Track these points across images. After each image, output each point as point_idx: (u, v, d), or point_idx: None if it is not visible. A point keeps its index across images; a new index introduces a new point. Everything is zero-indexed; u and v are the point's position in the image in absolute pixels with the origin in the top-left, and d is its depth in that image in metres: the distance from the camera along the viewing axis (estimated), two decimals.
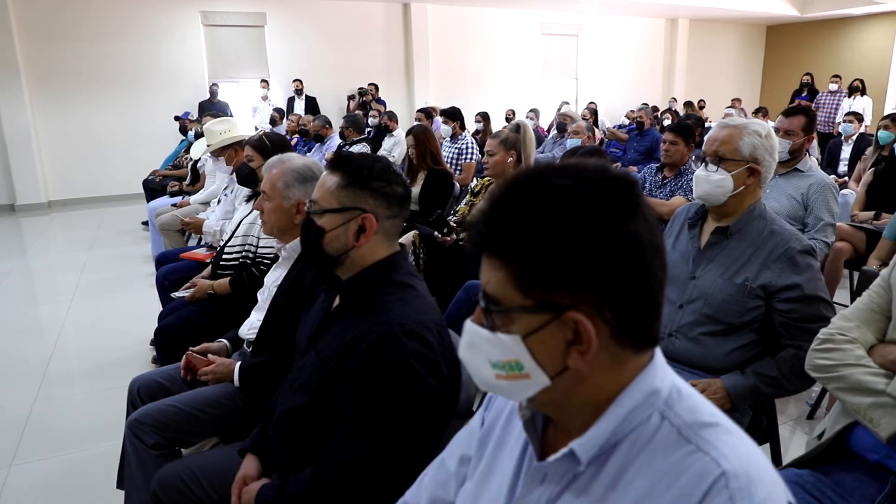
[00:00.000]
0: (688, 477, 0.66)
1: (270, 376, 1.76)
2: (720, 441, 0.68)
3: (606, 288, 0.67)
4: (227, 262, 2.70)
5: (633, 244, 0.67)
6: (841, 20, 13.63)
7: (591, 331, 0.67)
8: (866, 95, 10.07)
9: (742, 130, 1.82)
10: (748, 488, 0.64)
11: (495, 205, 0.70)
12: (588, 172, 0.68)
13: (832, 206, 2.94)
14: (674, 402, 0.72)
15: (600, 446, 0.72)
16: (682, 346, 1.83)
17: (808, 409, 2.86)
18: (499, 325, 0.70)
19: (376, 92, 10.04)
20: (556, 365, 0.70)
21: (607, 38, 13.18)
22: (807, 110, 3.22)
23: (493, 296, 0.70)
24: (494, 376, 0.73)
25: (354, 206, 1.36)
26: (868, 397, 1.31)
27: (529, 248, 0.66)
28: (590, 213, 0.65)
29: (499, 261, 0.68)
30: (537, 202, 0.67)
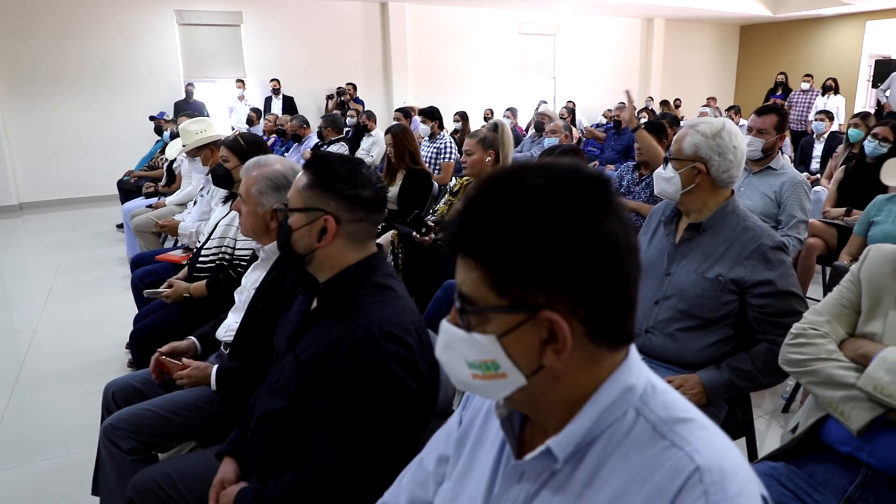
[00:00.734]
0: (662, 472, 0.67)
1: (248, 379, 1.75)
2: (694, 436, 0.69)
3: (581, 287, 0.67)
4: (203, 265, 2.67)
5: (607, 243, 0.67)
6: (812, 20, 13.87)
7: (566, 330, 0.68)
8: (839, 94, 10.27)
9: (689, 130, 1.87)
10: (722, 482, 0.64)
11: (470, 205, 0.70)
12: (562, 172, 0.69)
13: (804, 204, 2.99)
14: (648, 399, 0.73)
15: (577, 444, 0.72)
16: (658, 342, 1.85)
17: (783, 403, 2.91)
18: (474, 325, 0.71)
19: (354, 91, 10.00)
20: (532, 364, 0.70)
21: (584, 37, 13.27)
22: (779, 109, 3.27)
23: (468, 296, 0.70)
24: (471, 376, 0.73)
25: (317, 207, 1.37)
26: (839, 391, 1.34)
27: (504, 249, 0.66)
28: (564, 212, 0.66)
29: (473, 261, 0.69)
30: (511, 202, 0.67)
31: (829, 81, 10.27)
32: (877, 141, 3.83)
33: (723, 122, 1.87)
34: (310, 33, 10.56)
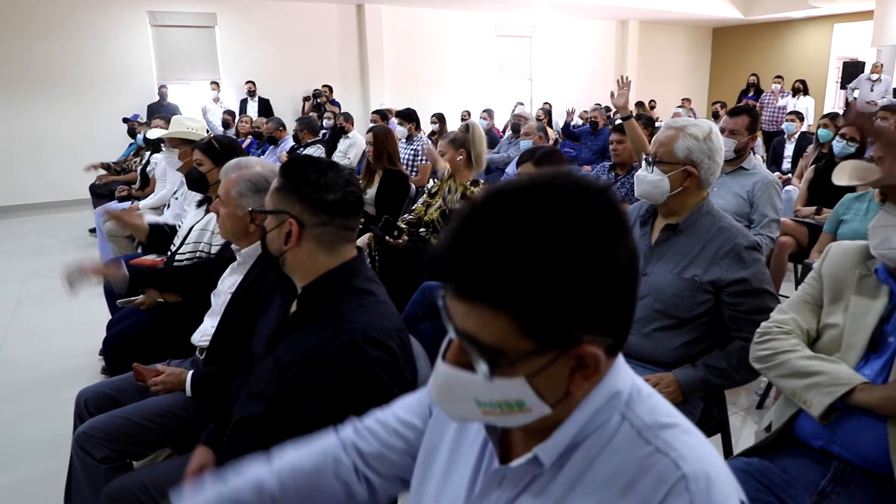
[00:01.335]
0: (647, 479, 0.67)
1: (224, 385, 1.73)
2: (679, 442, 0.69)
3: (613, 313, 0.65)
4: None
5: (630, 266, 0.65)
6: (782, 23, 14.13)
7: (602, 359, 0.67)
8: (808, 95, 10.47)
9: (680, 133, 1.86)
10: (707, 491, 0.65)
11: (482, 243, 0.62)
12: (580, 193, 0.64)
13: (776, 203, 3.05)
14: (634, 403, 0.72)
15: (563, 449, 0.72)
16: (634, 342, 1.87)
17: (757, 400, 2.95)
18: (500, 372, 0.65)
19: (331, 94, 9.95)
20: (560, 393, 0.69)
21: (560, 39, 13.37)
22: (750, 110, 3.32)
23: (494, 347, 0.64)
24: (481, 413, 0.70)
25: (283, 210, 1.37)
26: (802, 380, 1.38)
27: (541, 297, 0.61)
28: (598, 244, 0.62)
29: (500, 311, 0.62)
30: (541, 241, 0.61)
31: (797, 83, 10.48)
32: (844, 141, 3.92)
33: (710, 125, 1.89)
34: (285, 35, 10.48)
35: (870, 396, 1.28)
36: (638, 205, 2.06)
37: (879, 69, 10.19)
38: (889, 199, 1.37)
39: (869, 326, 1.38)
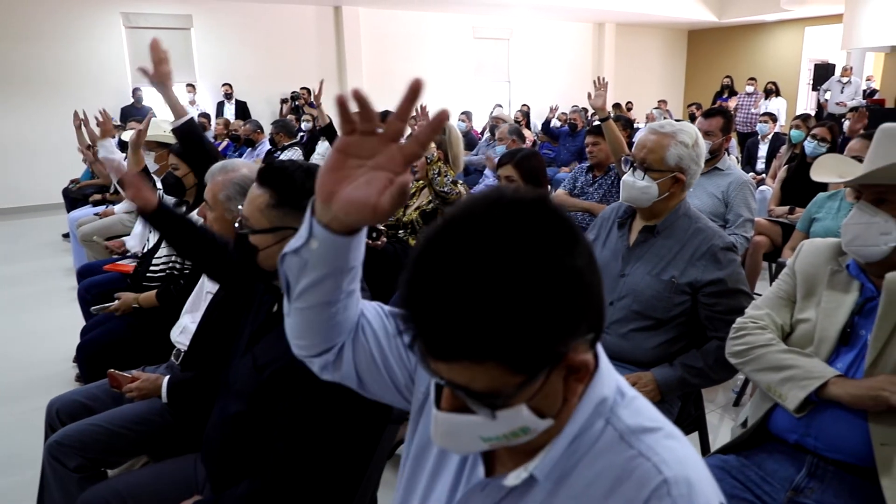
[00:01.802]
0: (630, 483, 0.67)
1: (201, 392, 1.71)
2: (661, 446, 0.69)
3: (588, 314, 0.66)
4: (153, 274, 2.60)
5: (591, 267, 0.66)
6: (755, 26, 14.36)
7: (590, 362, 0.68)
8: (780, 97, 10.66)
9: (671, 140, 1.85)
10: (689, 495, 0.65)
11: (446, 303, 0.60)
12: (521, 219, 0.62)
13: (750, 203, 3.09)
14: (617, 407, 0.73)
15: (556, 462, 0.72)
16: (612, 342, 1.88)
17: (734, 397, 2.99)
18: (500, 407, 0.65)
19: (309, 96, 9.89)
20: (558, 403, 0.69)
21: (538, 42, 13.44)
22: (724, 112, 3.37)
23: (487, 391, 0.63)
24: (488, 445, 0.70)
25: (286, 227, 1.32)
26: (777, 374, 1.40)
27: (519, 334, 0.60)
28: (557, 263, 0.61)
29: (486, 363, 0.61)
30: (500, 280, 0.59)
31: (769, 85, 10.69)
32: (816, 141, 4.00)
33: (695, 130, 1.90)
34: (262, 37, 10.41)
35: (842, 391, 1.31)
36: (615, 205, 2.07)
37: (849, 72, 10.42)
38: (863, 197, 1.39)
39: (840, 321, 1.40)
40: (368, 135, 0.70)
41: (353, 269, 0.80)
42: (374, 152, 0.70)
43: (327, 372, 0.91)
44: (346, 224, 0.73)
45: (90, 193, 5.82)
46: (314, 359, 0.90)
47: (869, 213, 1.36)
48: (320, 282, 0.79)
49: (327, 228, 0.74)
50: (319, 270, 0.78)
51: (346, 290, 0.82)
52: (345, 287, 0.81)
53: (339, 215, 0.72)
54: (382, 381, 0.90)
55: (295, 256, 0.78)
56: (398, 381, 0.91)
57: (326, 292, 0.80)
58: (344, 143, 0.71)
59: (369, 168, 0.70)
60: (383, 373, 0.90)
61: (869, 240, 1.35)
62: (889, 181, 1.34)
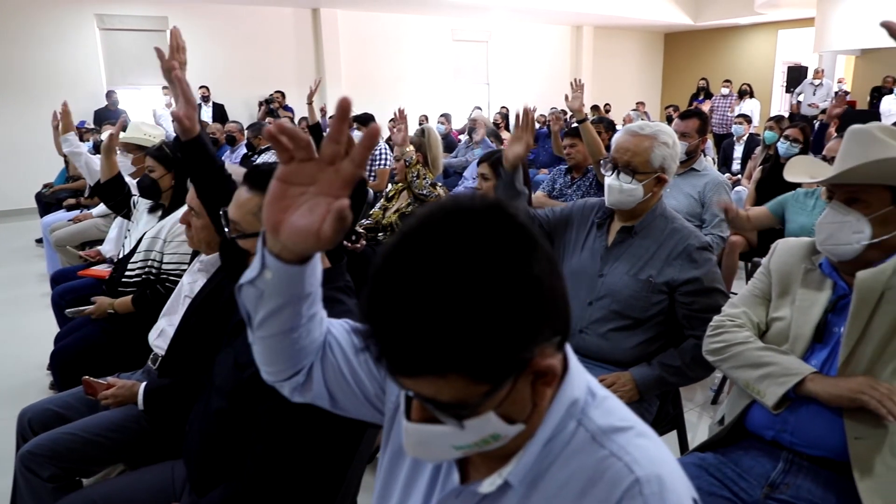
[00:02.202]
0: (602, 483, 0.68)
1: (178, 398, 1.69)
2: (632, 446, 0.70)
3: (553, 318, 0.66)
4: (129, 279, 2.56)
5: (553, 271, 0.66)
6: (730, 28, 14.57)
7: (557, 367, 0.68)
8: (754, 98, 10.83)
9: (654, 142, 1.86)
10: (661, 494, 0.66)
11: (404, 320, 0.60)
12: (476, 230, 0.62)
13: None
14: (589, 408, 0.73)
15: (531, 467, 0.72)
16: (592, 342, 1.89)
17: (712, 395, 3.03)
18: (468, 416, 0.66)
19: (283, 99, 9.79)
20: (528, 408, 0.69)
21: (516, 44, 13.50)
22: (700, 113, 3.42)
23: (453, 402, 0.64)
24: (461, 453, 0.70)
25: None
26: (755, 371, 1.42)
27: (480, 345, 0.60)
28: (515, 271, 0.61)
29: (450, 375, 0.61)
30: (458, 293, 0.59)
31: (744, 86, 10.87)
32: (788, 142, 4.07)
33: (670, 129, 1.92)
34: (240, 39, 10.32)
35: (820, 388, 1.33)
36: (594, 203, 2.06)
37: (821, 74, 10.63)
38: (835, 197, 1.42)
39: (814, 318, 1.43)
40: (306, 161, 0.70)
41: (311, 295, 0.80)
42: (315, 178, 0.70)
43: (298, 394, 0.91)
44: (296, 253, 0.73)
45: (64, 197, 5.72)
46: (284, 383, 0.90)
47: (841, 213, 1.38)
48: (279, 311, 0.79)
49: (279, 258, 0.74)
50: (276, 300, 0.77)
51: (306, 315, 0.81)
52: (305, 312, 0.81)
53: (288, 244, 0.72)
54: (354, 396, 0.90)
55: (251, 287, 0.78)
56: (369, 394, 0.91)
57: (286, 320, 0.80)
58: (283, 172, 0.70)
59: (312, 194, 0.70)
60: (354, 388, 0.90)
61: (842, 238, 1.37)
62: (859, 181, 1.36)
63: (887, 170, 1.31)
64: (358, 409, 0.92)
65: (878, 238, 1.35)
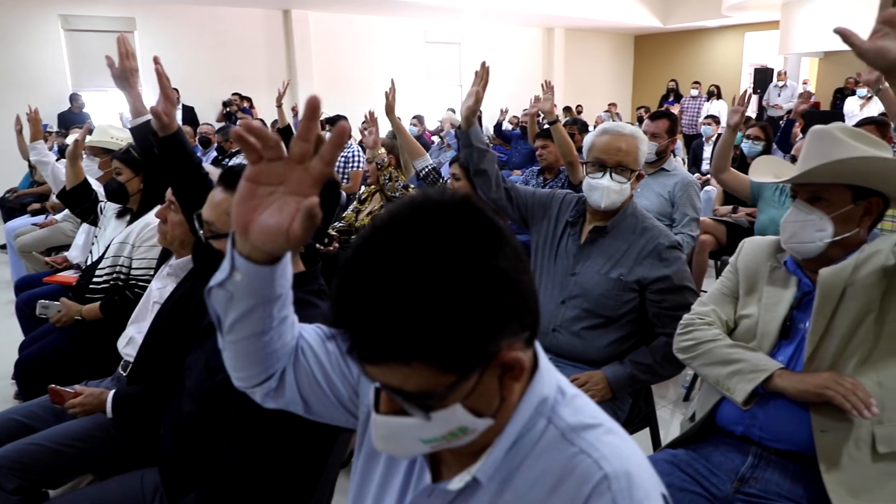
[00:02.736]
0: (572, 480, 0.68)
1: (148, 406, 1.66)
2: (601, 442, 0.70)
3: (520, 313, 0.66)
4: (96, 286, 2.50)
5: (519, 266, 0.66)
6: (698, 31, 14.81)
7: (524, 360, 0.68)
8: (721, 99, 11.03)
9: (637, 141, 1.92)
10: (629, 489, 0.66)
11: (370, 307, 0.60)
12: (444, 222, 0.63)
13: (695, 202, 3.18)
14: (558, 406, 0.74)
15: (499, 464, 0.72)
16: (564, 341, 1.91)
17: (684, 392, 3.07)
18: (435, 408, 0.66)
19: (242, 102, 9.65)
20: (496, 403, 0.70)
21: (489, 46, 13.53)
22: (669, 114, 3.48)
23: (420, 392, 0.64)
24: (429, 448, 0.70)
25: None
26: (725, 367, 1.45)
27: (445, 334, 0.60)
28: (481, 263, 0.62)
29: (417, 363, 0.62)
30: (423, 282, 0.60)
31: (712, 87, 11.09)
32: (751, 141, 4.17)
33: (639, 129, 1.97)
34: (210, 41, 10.20)
35: (788, 384, 1.36)
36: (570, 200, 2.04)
37: (784, 76, 10.87)
38: (799, 196, 1.45)
39: (780, 315, 1.46)
40: (275, 161, 0.70)
41: (282, 297, 0.79)
42: (284, 177, 0.70)
43: (270, 399, 0.90)
44: (266, 253, 0.73)
45: (28, 202, 5.59)
46: (255, 388, 0.89)
47: (805, 212, 1.42)
48: (249, 313, 0.78)
49: (248, 259, 0.73)
50: (247, 302, 0.77)
51: (277, 317, 0.81)
52: (276, 315, 0.80)
53: (257, 244, 0.72)
54: (327, 400, 0.90)
55: (220, 290, 0.78)
56: (343, 398, 0.90)
57: (257, 322, 0.79)
58: (251, 172, 0.70)
59: (281, 194, 0.70)
60: (327, 391, 0.89)
61: (805, 237, 1.40)
62: (821, 180, 1.39)
63: (847, 169, 1.35)
64: (332, 413, 0.92)
65: (840, 236, 1.38)
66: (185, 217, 1.84)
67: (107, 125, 3.56)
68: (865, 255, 1.37)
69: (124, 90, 1.97)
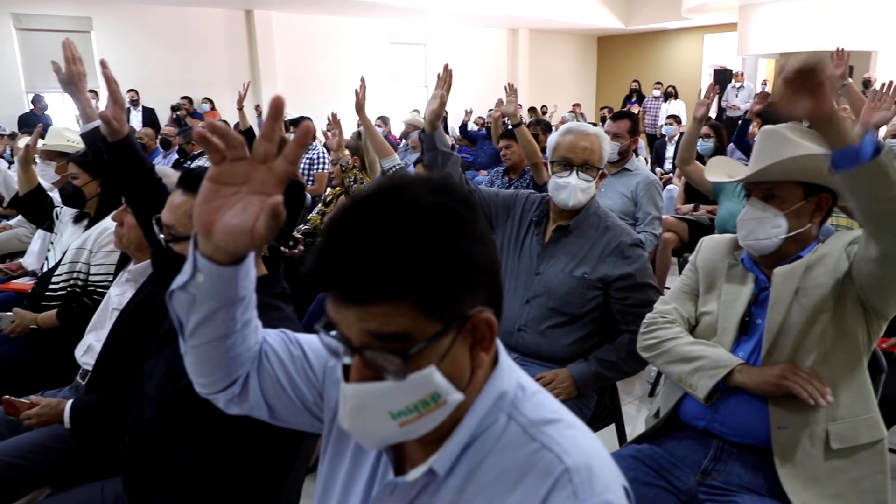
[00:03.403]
0: (534, 474, 0.69)
1: (107, 415, 1.62)
2: (562, 436, 0.71)
3: (489, 280, 0.70)
4: (53, 293, 2.43)
5: (490, 239, 0.71)
6: (659, 32, 15.08)
7: (495, 323, 0.70)
8: (679, 99, 11.25)
9: (601, 140, 1.95)
10: (590, 481, 0.67)
11: (363, 243, 0.63)
12: (427, 183, 0.68)
13: (657, 201, 3.24)
14: (519, 402, 0.75)
15: (456, 457, 0.73)
16: (530, 340, 1.92)
17: (649, 388, 3.12)
18: (412, 367, 0.67)
19: (191, 106, 9.42)
20: (466, 373, 0.71)
21: (454, 47, 13.56)
22: (631, 114, 3.53)
23: (402, 336, 0.65)
24: (398, 425, 0.70)
25: None
26: (686, 365, 1.47)
27: (430, 272, 0.64)
28: (460, 218, 0.67)
29: (401, 301, 0.64)
30: (410, 223, 0.64)
31: (669, 88, 11.33)
32: (701, 139, 4.27)
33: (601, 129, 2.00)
34: (170, 41, 10.01)
35: (747, 378, 1.39)
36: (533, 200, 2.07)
37: (741, 77, 11.14)
38: (753, 195, 1.49)
39: (739, 311, 1.49)
40: (238, 161, 0.70)
41: (245, 299, 0.79)
42: (247, 177, 0.70)
43: (234, 405, 0.90)
44: (229, 253, 0.73)
45: None
46: (219, 394, 0.88)
47: (760, 209, 1.45)
48: (212, 316, 0.78)
49: (211, 260, 0.73)
50: (209, 304, 0.77)
51: (241, 320, 0.81)
52: (239, 318, 0.80)
53: (220, 245, 0.72)
54: (292, 404, 0.90)
55: (183, 293, 0.77)
56: (308, 402, 0.90)
57: (220, 326, 0.79)
58: (214, 172, 0.71)
59: (245, 194, 0.71)
60: (292, 396, 0.89)
61: (761, 234, 1.44)
62: (773, 178, 1.43)
63: (797, 166, 1.39)
64: (296, 418, 0.92)
65: (794, 231, 1.42)
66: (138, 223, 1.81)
67: (61, 127, 3.47)
68: (818, 256, 1.41)
69: (73, 95, 1.93)
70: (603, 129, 2.31)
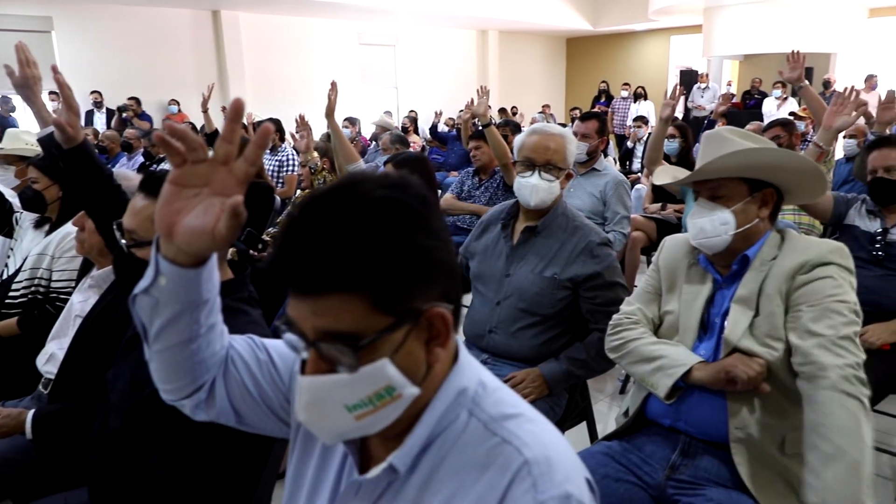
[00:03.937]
0: (494, 468, 0.70)
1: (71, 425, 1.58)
2: (522, 430, 0.72)
3: (444, 275, 0.70)
4: (13, 300, 2.37)
5: (446, 234, 0.72)
6: (627, 34, 15.29)
7: (450, 320, 0.70)
8: (648, 100, 11.42)
9: (566, 141, 1.96)
10: (549, 472, 0.68)
11: (317, 236, 0.65)
12: (383, 178, 0.69)
13: (626, 201, 3.28)
14: (480, 399, 0.75)
15: (417, 454, 0.73)
16: (501, 341, 1.93)
17: (620, 386, 3.16)
18: (364, 360, 0.67)
19: (138, 107, 9.26)
20: (422, 368, 0.71)
21: (424, 48, 13.57)
22: (599, 115, 3.57)
23: (352, 332, 0.66)
24: (354, 419, 0.70)
25: None
26: (648, 364, 1.49)
27: (383, 265, 0.65)
28: (413, 212, 0.67)
29: (351, 294, 0.65)
30: (364, 216, 0.65)
31: (638, 89, 11.49)
32: (667, 139, 4.34)
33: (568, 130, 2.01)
34: (134, 42, 9.83)
35: (703, 374, 1.41)
36: (503, 206, 2.11)
37: (706, 78, 11.35)
38: (700, 195, 1.52)
39: (698, 310, 1.52)
40: (199, 163, 0.71)
41: (209, 302, 0.79)
42: (208, 179, 0.72)
43: (201, 411, 0.89)
44: (191, 255, 0.73)
45: None
46: (185, 400, 0.88)
47: (707, 208, 1.49)
48: (176, 319, 0.78)
49: (173, 263, 0.73)
50: (173, 307, 0.77)
51: (205, 324, 0.80)
52: (203, 321, 0.80)
53: (182, 246, 0.72)
54: (259, 409, 0.90)
55: (145, 296, 0.77)
56: (274, 406, 0.90)
57: (184, 329, 0.79)
58: (175, 175, 0.71)
59: (206, 195, 0.71)
60: (259, 400, 0.89)
61: (711, 232, 1.47)
62: (715, 175, 1.47)
63: (738, 162, 1.42)
64: (264, 423, 0.91)
65: (742, 227, 1.45)
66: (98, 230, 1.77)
67: (20, 130, 3.39)
68: (778, 268, 1.42)
69: (27, 99, 1.88)
70: (571, 129, 2.33)
